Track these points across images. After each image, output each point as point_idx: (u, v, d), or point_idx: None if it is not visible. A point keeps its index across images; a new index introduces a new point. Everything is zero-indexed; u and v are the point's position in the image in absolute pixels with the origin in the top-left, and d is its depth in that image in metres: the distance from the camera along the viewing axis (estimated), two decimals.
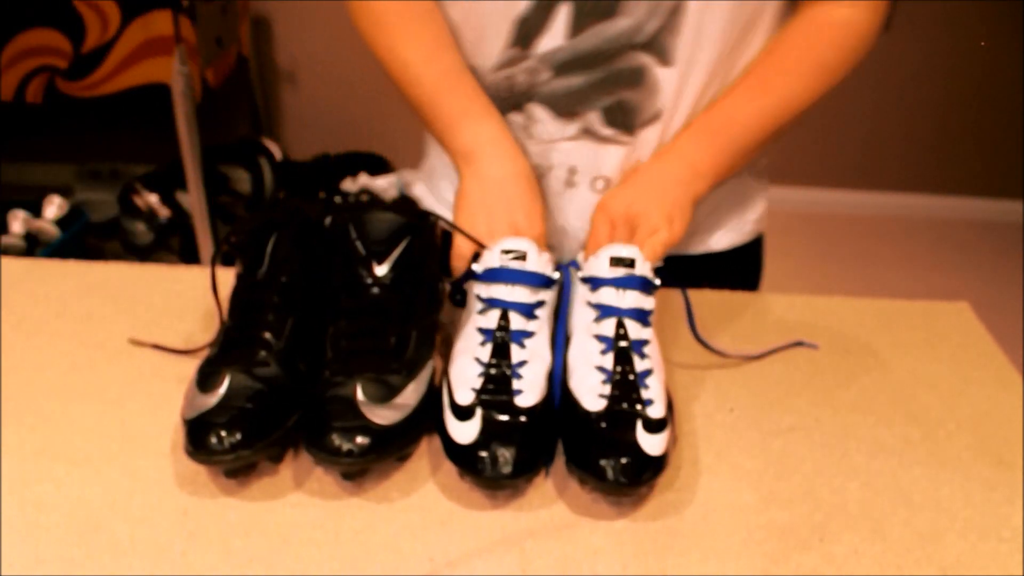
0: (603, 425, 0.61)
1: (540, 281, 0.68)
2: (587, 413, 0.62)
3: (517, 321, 0.66)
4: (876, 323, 0.85)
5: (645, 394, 0.63)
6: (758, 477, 0.65)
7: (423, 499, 0.62)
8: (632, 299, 0.67)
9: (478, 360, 0.65)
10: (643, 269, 0.68)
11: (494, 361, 0.65)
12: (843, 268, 2.65)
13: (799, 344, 0.81)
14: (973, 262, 2.75)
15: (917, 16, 2.63)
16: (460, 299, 0.74)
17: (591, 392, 0.64)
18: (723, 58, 0.78)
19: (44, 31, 2.06)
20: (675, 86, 0.78)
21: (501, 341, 0.65)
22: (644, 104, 0.79)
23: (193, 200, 2.22)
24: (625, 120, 0.80)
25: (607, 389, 0.63)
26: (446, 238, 1.01)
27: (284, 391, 0.64)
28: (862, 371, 0.78)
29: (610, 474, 0.59)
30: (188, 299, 0.84)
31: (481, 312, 0.67)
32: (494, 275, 0.68)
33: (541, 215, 0.77)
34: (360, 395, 0.62)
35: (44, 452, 0.65)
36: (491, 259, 0.69)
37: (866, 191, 2.99)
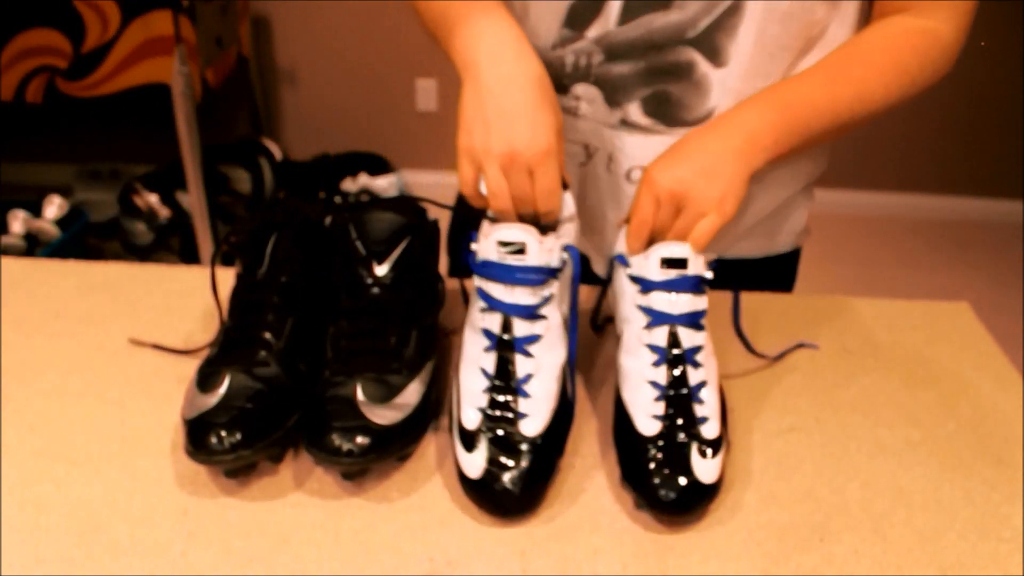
0: (658, 452, 0.61)
1: (542, 279, 0.63)
2: (641, 436, 0.62)
3: (521, 327, 0.63)
4: (876, 323, 0.85)
5: (699, 411, 0.62)
6: (758, 477, 0.65)
7: (423, 499, 0.62)
8: (685, 303, 0.64)
9: (483, 371, 0.64)
10: (696, 268, 0.64)
11: (499, 383, 0.63)
12: (843, 268, 2.65)
13: (800, 346, 0.81)
14: (973, 262, 2.75)
15: None
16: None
17: (644, 412, 0.62)
18: (786, 67, 0.77)
19: (44, 31, 2.06)
20: (729, 87, 0.77)
21: (505, 351, 0.63)
22: (688, 100, 0.78)
23: (193, 200, 2.22)
24: (664, 112, 0.79)
25: (660, 408, 0.62)
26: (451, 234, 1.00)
27: (284, 391, 0.64)
28: (862, 371, 0.78)
29: (665, 500, 0.58)
30: (188, 299, 0.84)
31: (483, 311, 0.65)
32: (490, 271, 0.63)
33: (549, 125, 0.65)
34: (360, 395, 0.62)
35: (44, 452, 0.65)
36: (487, 250, 0.63)
37: (866, 191, 2.99)
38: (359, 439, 0.59)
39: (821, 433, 0.70)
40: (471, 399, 0.63)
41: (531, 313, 0.64)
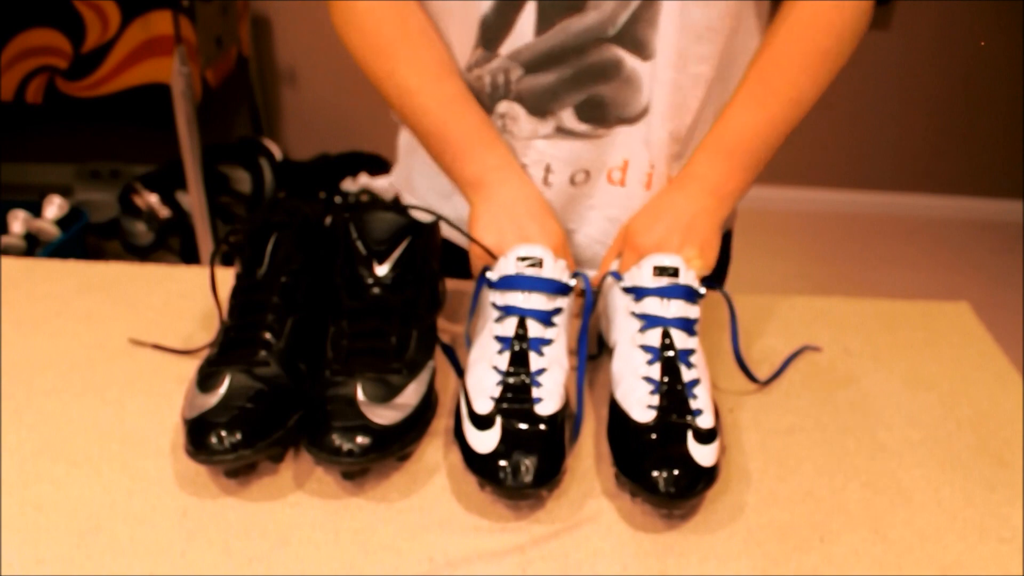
0: (653, 437, 0.61)
1: (556, 287, 0.67)
2: (636, 424, 0.62)
3: (535, 328, 0.66)
4: (876, 323, 0.85)
5: (694, 404, 0.63)
6: (758, 477, 0.65)
7: (423, 499, 0.62)
8: (677, 308, 0.66)
9: (496, 368, 0.65)
10: (687, 278, 0.68)
11: (512, 369, 0.64)
12: (843, 268, 2.65)
13: (804, 349, 0.80)
14: (973, 262, 2.75)
15: (917, 16, 2.63)
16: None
17: (639, 403, 0.63)
18: (713, 50, 0.76)
19: (44, 31, 2.06)
20: (661, 79, 0.76)
21: (520, 349, 0.65)
22: (622, 98, 0.78)
23: (193, 200, 2.22)
24: (600, 115, 0.78)
25: (655, 400, 0.63)
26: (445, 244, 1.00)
27: (284, 391, 0.64)
28: (862, 371, 0.78)
29: (662, 486, 0.58)
30: (188, 299, 0.84)
31: (498, 320, 0.67)
32: (509, 282, 0.67)
33: (555, 230, 0.76)
34: (360, 395, 0.62)
35: (44, 452, 0.65)
36: (506, 266, 0.68)
37: (865, 191, 2.99)
38: (359, 439, 0.59)
39: (821, 433, 0.70)
40: (483, 392, 0.64)
41: (546, 318, 0.66)
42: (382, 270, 0.68)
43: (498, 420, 0.61)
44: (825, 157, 2.91)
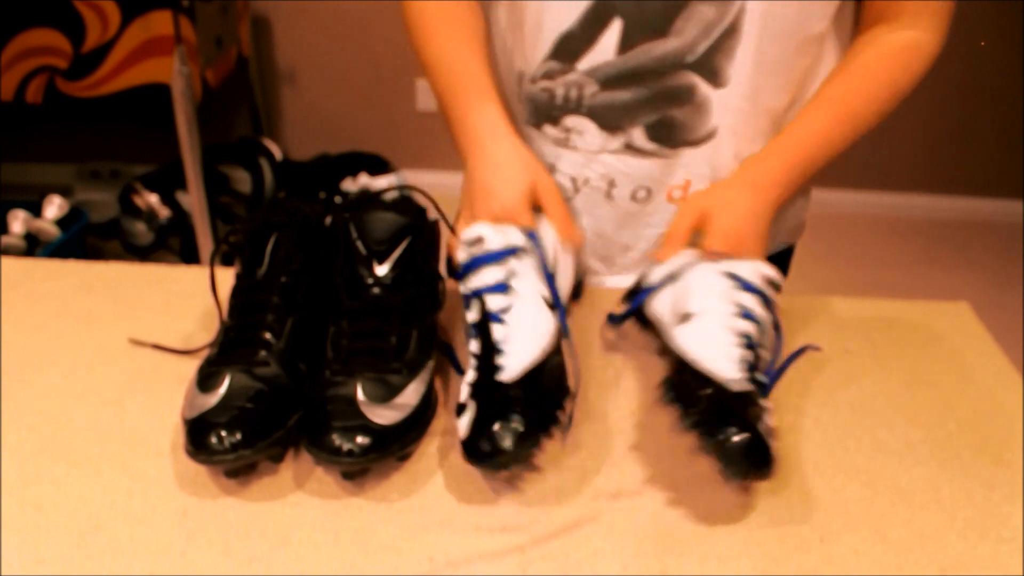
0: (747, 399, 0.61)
1: (499, 256, 0.68)
2: (725, 380, 0.62)
3: (493, 301, 0.67)
4: (876, 323, 0.85)
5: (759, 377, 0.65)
6: None
7: (423, 499, 0.62)
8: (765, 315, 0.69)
9: (473, 356, 0.66)
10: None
11: (479, 351, 0.65)
12: (843, 268, 2.65)
13: (804, 349, 0.80)
14: (973, 262, 2.75)
15: None
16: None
17: (727, 357, 0.64)
18: (786, 83, 0.79)
19: (44, 31, 2.06)
20: (730, 106, 0.79)
21: (484, 327, 0.66)
22: (691, 122, 0.80)
23: (193, 200, 2.22)
24: (669, 136, 0.80)
25: (741, 354, 0.64)
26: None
27: (284, 391, 0.64)
28: (862, 371, 0.78)
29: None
30: (188, 299, 0.84)
31: (467, 309, 0.68)
32: (465, 270, 0.69)
33: (517, 179, 0.76)
34: (360, 395, 0.62)
35: (44, 452, 0.65)
36: (461, 257, 0.70)
37: (866, 191, 2.99)
38: (359, 439, 0.59)
39: (821, 433, 0.70)
40: (466, 382, 0.65)
41: (502, 288, 0.67)
42: (382, 270, 0.68)
43: (471, 403, 0.62)
44: None
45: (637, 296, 0.77)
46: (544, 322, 0.66)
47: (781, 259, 0.96)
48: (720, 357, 0.64)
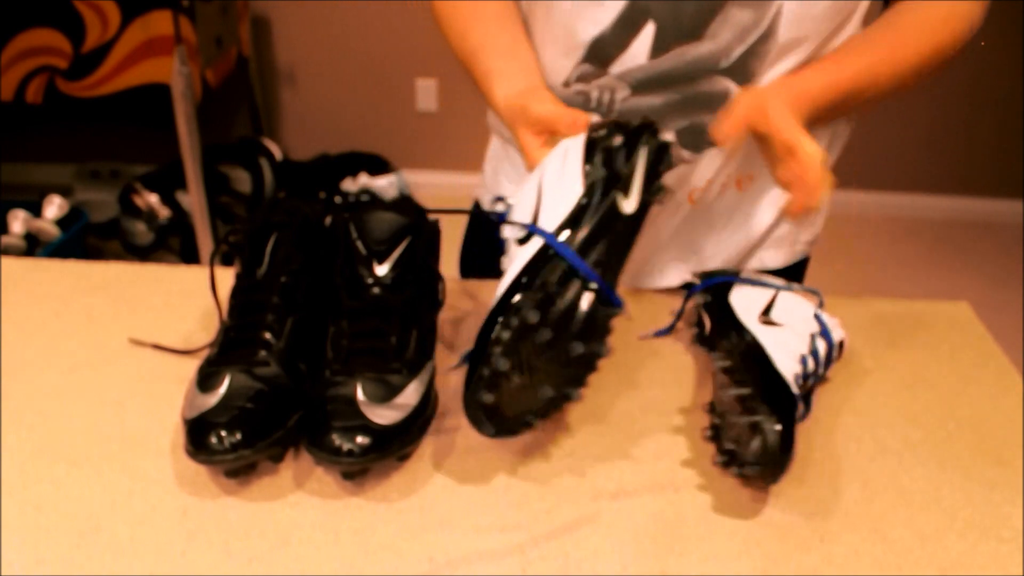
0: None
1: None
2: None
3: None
4: (876, 323, 0.85)
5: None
6: None
7: (423, 499, 0.62)
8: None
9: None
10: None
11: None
12: (843, 268, 2.65)
13: None
14: (973, 262, 2.75)
15: None
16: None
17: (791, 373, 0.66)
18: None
19: (44, 31, 2.06)
20: None
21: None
22: None
23: (193, 200, 2.22)
24: (696, 141, 0.79)
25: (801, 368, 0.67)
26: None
27: (284, 391, 0.64)
28: (862, 371, 0.78)
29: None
30: (188, 299, 0.84)
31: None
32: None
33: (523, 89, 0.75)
34: (360, 395, 0.62)
35: (44, 452, 0.65)
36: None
37: (866, 191, 2.99)
38: (359, 439, 0.59)
39: (821, 433, 0.70)
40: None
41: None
42: (382, 270, 0.68)
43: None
44: None
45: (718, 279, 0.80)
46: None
47: (797, 269, 0.95)
48: (787, 363, 0.66)
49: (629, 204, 0.62)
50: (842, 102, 0.74)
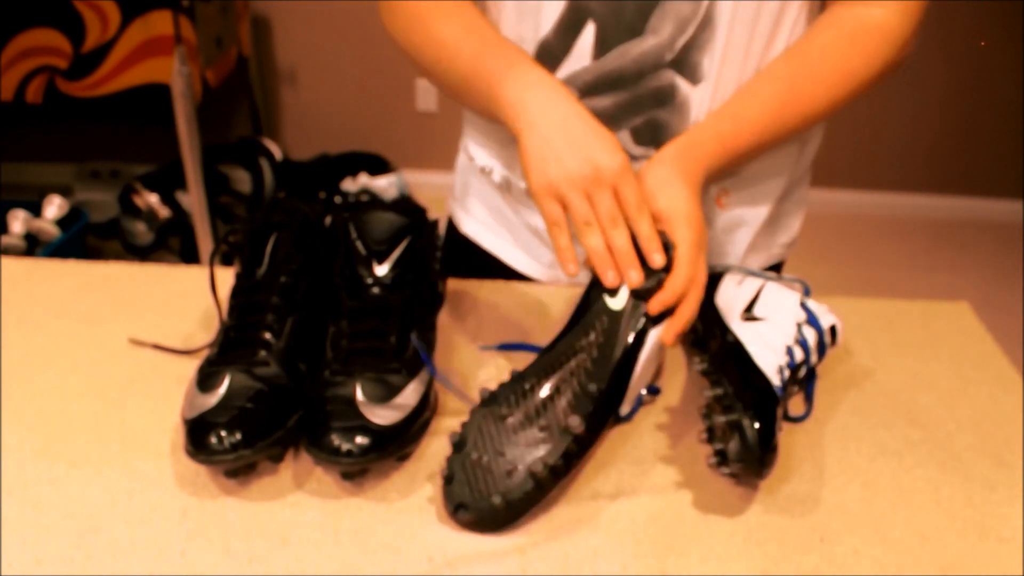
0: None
1: None
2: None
3: None
4: (876, 323, 0.85)
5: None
6: None
7: (423, 499, 0.62)
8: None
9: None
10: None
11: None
12: (843, 268, 2.65)
13: None
14: (973, 262, 2.75)
15: None
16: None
17: (774, 370, 0.65)
18: (749, 72, 0.77)
19: (44, 31, 2.06)
20: (705, 104, 0.77)
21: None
22: (675, 123, 0.78)
23: (193, 200, 2.22)
24: (654, 138, 0.79)
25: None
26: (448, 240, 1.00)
27: (284, 391, 0.64)
28: (862, 371, 0.78)
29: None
30: (188, 299, 0.84)
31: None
32: None
33: (618, 145, 0.67)
34: (360, 395, 0.62)
35: (44, 452, 0.65)
36: None
37: (865, 191, 2.99)
38: (359, 439, 0.59)
39: (821, 433, 0.70)
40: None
41: None
42: (382, 270, 0.68)
43: None
44: (825, 157, 2.90)
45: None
46: None
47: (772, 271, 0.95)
48: (768, 357, 0.66)
49: None
50: (746, 152, 0.73)
